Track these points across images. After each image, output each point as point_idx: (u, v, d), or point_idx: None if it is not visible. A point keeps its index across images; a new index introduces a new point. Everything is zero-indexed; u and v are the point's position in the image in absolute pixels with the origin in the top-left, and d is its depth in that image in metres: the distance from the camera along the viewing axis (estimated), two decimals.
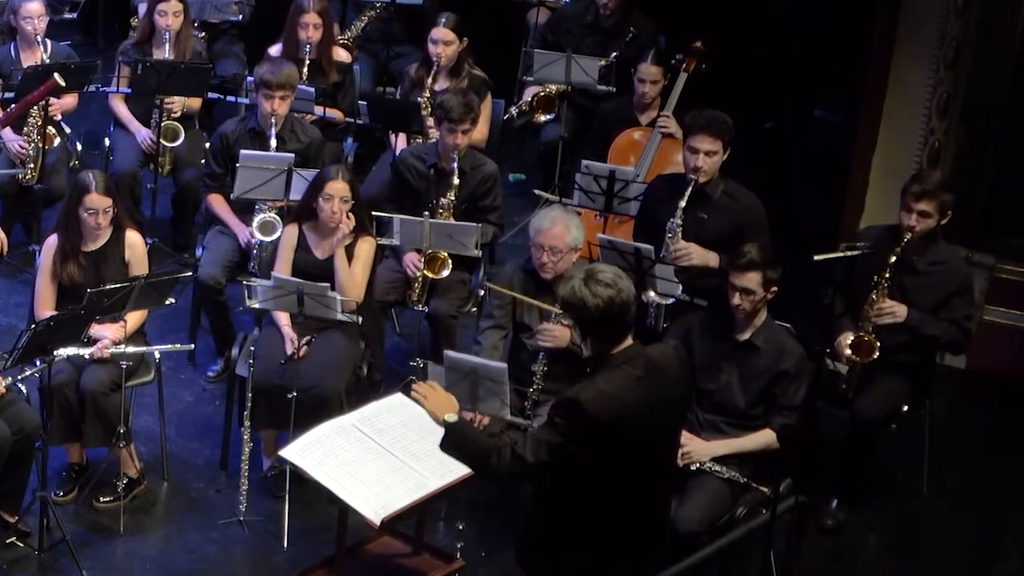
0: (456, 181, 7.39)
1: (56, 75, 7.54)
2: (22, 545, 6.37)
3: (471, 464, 5.03)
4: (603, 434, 4.83)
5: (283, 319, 6.83)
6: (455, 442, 4.96)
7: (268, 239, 7.38)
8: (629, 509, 5.02)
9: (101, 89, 8.44)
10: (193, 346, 7.48)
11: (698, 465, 6.18)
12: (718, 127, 6.81)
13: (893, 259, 6.62)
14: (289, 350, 6.69)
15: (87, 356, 6.54)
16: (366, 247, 6.98)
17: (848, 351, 6.70)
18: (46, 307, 6.70)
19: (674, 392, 5.07)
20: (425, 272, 7.24)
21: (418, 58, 8.60)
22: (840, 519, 6.90)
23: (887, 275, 6.65)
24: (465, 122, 7.36)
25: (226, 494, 6.87)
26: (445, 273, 7.25)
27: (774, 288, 6.29)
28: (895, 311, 6.68)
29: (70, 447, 6.76)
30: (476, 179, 7.53)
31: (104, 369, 6.58)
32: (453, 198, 7.40)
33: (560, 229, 6.54)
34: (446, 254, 7.21)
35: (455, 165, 7.39)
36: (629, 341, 4.97)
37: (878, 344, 6.67)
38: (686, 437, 6.10)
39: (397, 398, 5.62)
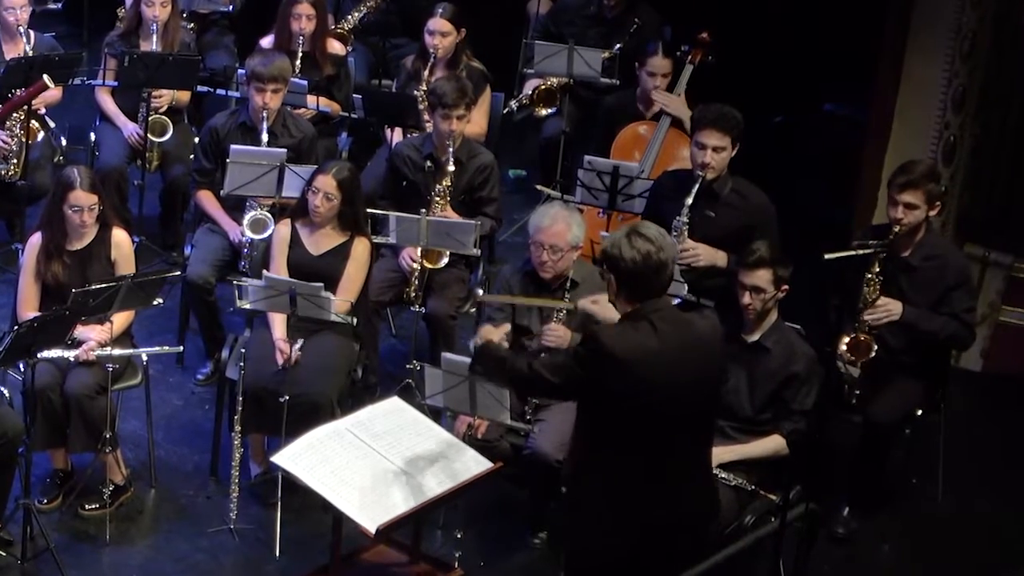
0: (451, 168, 7.38)
1: (45, 76, 7.54)
2: (5, 554, 6.35)
3: (489, 373, 5.50)
4: (618, 374, 4.95)
5: (278, 329, 6.81)
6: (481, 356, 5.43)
7: (259, 237, 7.37)
8: (656, 482, 5.09)
9: (87, 82, 8.42)
10: (182, 348, 7.46)
11: None
12: (727, 122, 6.79)
13: (883, 254, 6.61)
14: (280, 360, 6.67)
15: (71, 359, 6.53)
16: (361, 247, 6.97)
17: (843, 348, 6.68)
18: (29, 308, 6.68)
19: (701, 353, 5.13)
20: (423, 262, 7.23)
21: (415, 50, 8.59)
22: (852, 527, 6.89)
23: (877, 271, 6.64)
24: (459, 107, 7.35)
25: (216, 501, 6.86)
26: (443, 262, 7.25)
27: (785, 287, 6.29)
28: (890, 308, 6.67)
29: (54, 453, 6.75)
30: (472, 169, 7.52)
31: (89, 372, 6.56)
32: (448, 184, 7.38)
33: (561, 227, 6.53)
34: None
35: (451, 153, 7.37)
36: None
37: (875, 346, 6.66)
38: None
39: (393, 402, 5.61)
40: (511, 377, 5.32)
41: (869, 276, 6.65)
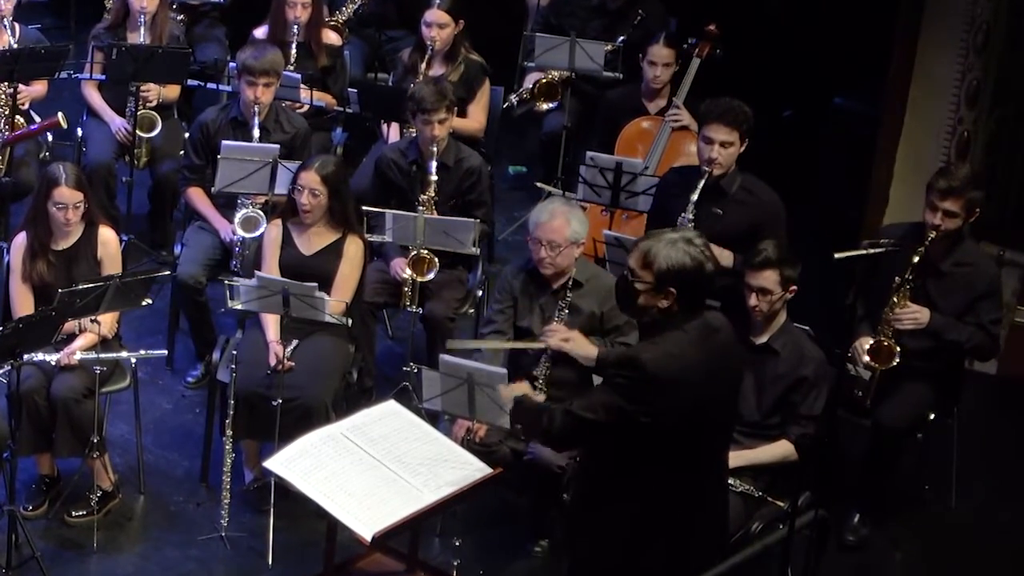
0: (434, 177, 7.36)
1: (60, 114, 7.55)
2: None
3: (527, 423, 5.32)
4: (665, 395, 4.90)
5: (271, 331, 6.82)
6: (523, 412, 5.31)
7: (251, 236, 7.38)
8: (683, 492, 5.07)
9: (73, 76, 8.44)
10: (166, 352, 7.44)
11: None
12: (735, 116, 6.79)
13: (916, 259, 6.60)
14: (273, 362, 6.69)
15: (54, 363, 6.54)
16: (354, 247, 6.98)
17: (867, 357, 6.69)
18: (25, 312, 6.65)
19: (729, 355, 5.14)
20: (412, 275, 7.22)
21: (412, 43, 8.59)
22: (862, 535, 6.90)
23: (910, 277, 6.63)
24: (439, 111, 7.33)
25: (207, 508, 6.86)
26: (431, 275, 7.23)
27: (793, 287, 6.29)
28: (917, 316, 6.66)
29: (40, 458, 6.75)
30: (459, 173, 7.50)
31: (76, 375, 6.57)
32: (433, 194, 7.36)
33: (559, 222, 6.54)
34: (429, 254, 7.18)
35: (434, 159, 7.36)
36: None
37: (898, 349, 6.66)
38: None
39: (389, 406, 5.61)
40: (552, 432, 5.10)
41: (899, 280, 6.63)
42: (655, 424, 4.93)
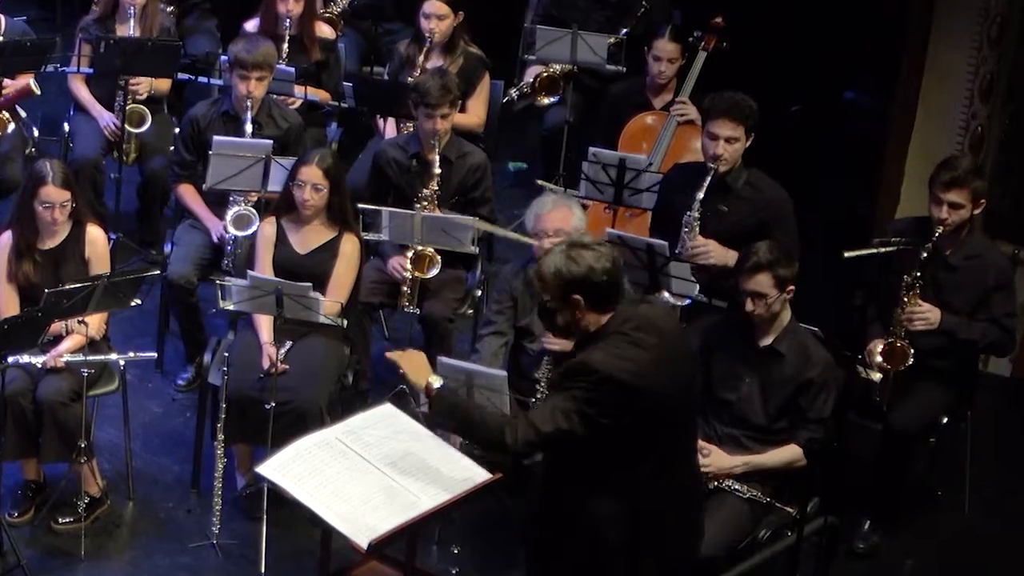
0: (438, 170, 7.36)
1: (32, 81, 7.51)
2: None
3: (472, 433, 5.22)
4: (623, 394, 4.95)
5: (264, 332, 6.82)
6: (446, 409, 5.18)
7: (243, 234, 7.38)
8: (653, 484, 5.10)
9: (60, 69, 8.43)
10: (155, 354, 7.44)
11: (716, 483, 6.17)
12: (740, 111, 6.80)
13: (924, 256, 6.60)
14: (266, 364, 6.68)
15: (40, 365, 6.54)
16: (350, 245, 6.98)
17: (880, 359, 6.69)
18: (10, 313, 6.64)
19: (676, 342, 5.16)
20: (414, 272, 7.22)
21: (409, 35, 8.59)
22: (873, 542, 6.90)
23: (918, 274, 6.63)
24: (443, 106, 7.34)
25: (197, 515, 6.87)
26: (434, 272, 7.24)
27: (791, 287, 6.27)
28: (928, 316, 6.66)
29: (26, 463, 6.75)
30: (463, 169, 7.51)
31: (63, 377, 6.57)
32: (436, 188, 7.37)
33: (564, 211, 6.57)
34: (433, 251, 7.19)
35: (437, 153, 7.36)
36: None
37: (912, 351, 6.66)
38: (703, 445, 6.10)
39: (386, 409, 5.60)
40: (516, 446, 5.06)
41: (908, 279, 6.63)
42: (617, 424, 4.97)
